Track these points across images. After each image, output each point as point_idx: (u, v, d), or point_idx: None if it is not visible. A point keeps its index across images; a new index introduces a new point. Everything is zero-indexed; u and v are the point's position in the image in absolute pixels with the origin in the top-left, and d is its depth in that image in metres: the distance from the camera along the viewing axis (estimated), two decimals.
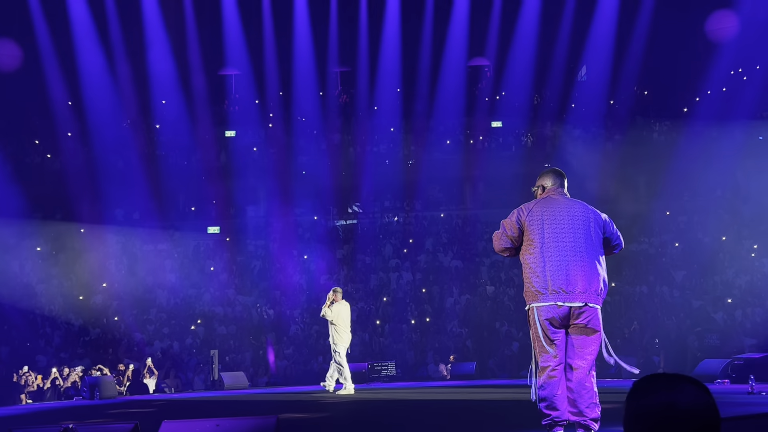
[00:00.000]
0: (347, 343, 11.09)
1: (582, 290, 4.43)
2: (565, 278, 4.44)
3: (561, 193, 4.83)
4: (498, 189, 24.62)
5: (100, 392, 13.03)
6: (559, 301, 4.45)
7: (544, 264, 4.53)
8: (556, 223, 4.58)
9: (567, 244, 4.50)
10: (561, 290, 4.44)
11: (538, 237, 4.61)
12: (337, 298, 11.09)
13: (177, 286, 20.59)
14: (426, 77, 25.19)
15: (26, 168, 24.07)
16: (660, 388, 1.75)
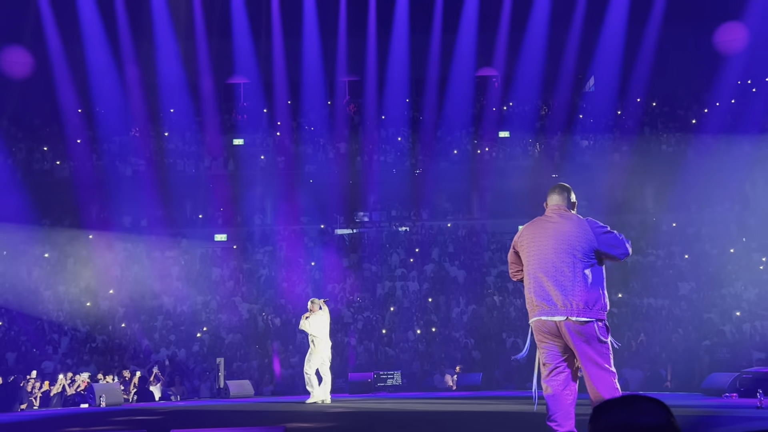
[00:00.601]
0: (324, 354, 11.03)
1: (563, 305, 4.64)
2: (546, 294, 4.70)
3: (558, 210, 4.99)
4: (505, 199, 24.63)
5: (106, 399, 13.04)
6: (543, 316, 4.71)
7: (531, 282, 4.81)
8: (542, 243, 4.81)
9: (549, 262, 4.73)
10: (543, 306, 4.70)
11: (526, 257, 4.88)
12: (314, 309, 11.06)
13: (184, 293, 20.62)
14: (434, 87, 25.25)
15: (35, 174, 24.23)
16: (617, 408, 1.83)
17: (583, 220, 4.92)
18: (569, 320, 4.64)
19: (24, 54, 24.57)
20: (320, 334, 10.93)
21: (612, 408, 1.83)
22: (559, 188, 5.14)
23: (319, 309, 11.07)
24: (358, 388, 15.05)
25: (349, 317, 19.60)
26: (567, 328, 4.66)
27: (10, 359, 17.78)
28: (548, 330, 4.73)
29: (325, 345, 11.02)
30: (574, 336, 4.64)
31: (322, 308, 11.17)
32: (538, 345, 4.85)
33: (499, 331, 18.18)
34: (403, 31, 24.64)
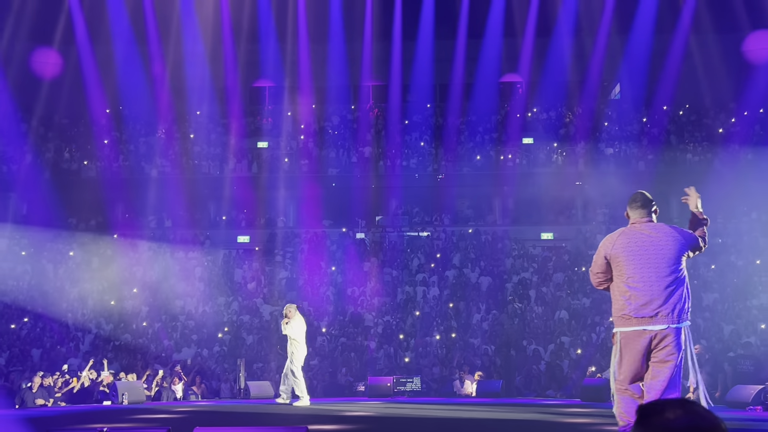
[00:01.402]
0: (304, 357, 11.44)
1: (665, 314, 4.90)
2: (641, 304, 4.93)
3: (648, 222, 5.19)
4: (528, 206, 24.54)
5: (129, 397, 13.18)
6: (636, 326, 4.95)
7: (626, 292, 5.02)
8: (639, 254, 5.02)
9: (644, 273, 4.96)
10: (645, 316, 4.92)
11: (622, 267, 5.07)
12: (291, 314, 11.36)
13: (206, 294, 20.80)
14: (458, 92, 25.25)
15: (63, 174, 24.61)
16: (674, 409, 1.85)
17: (672, 228, 5.15)
18: (662, 329, 4.89)
19: (54, 55, 25.01)
20: (300, 339, 11.29)
21: (667, 408, 1.85)
22: (643, 199, 5.31)
23: (295, 314, 11.41)
24: (377, 392, 15.05)
25: (369, 321, 19.62)
26: (657, 335, 4.89)
27: (35, 355, 18.05)
28: (639, 337, 4.94)
29: (304, 348, 11.41)
30: (662, 342, 4.88)
31: (297, 313, 11.53)
32: (626, 352, 5.01)
33: (519, 339, 18.08)
34: (428, 37, 24.69)
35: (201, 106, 25.64)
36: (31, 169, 24.29)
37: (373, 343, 18.44)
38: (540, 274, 21.29)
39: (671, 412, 1.84)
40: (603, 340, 17.51)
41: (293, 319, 11.28)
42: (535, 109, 25.92)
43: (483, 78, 25.01)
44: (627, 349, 5.02)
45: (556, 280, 20.97)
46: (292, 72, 25.13)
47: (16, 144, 24.60)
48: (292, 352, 11.23)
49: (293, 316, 11.28)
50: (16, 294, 20.39)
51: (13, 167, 24.37)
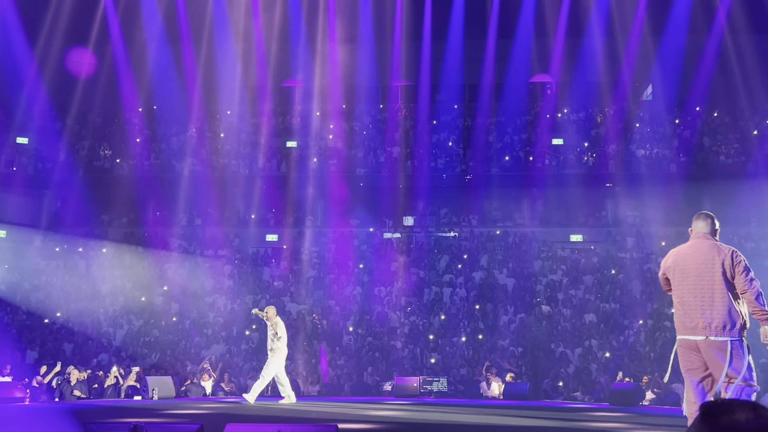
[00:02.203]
0: (285, 358, 11.68)
1: (703, 326, 5.25)
2: (689, 316, 5.35)
3: (701, 237, 5.51)
4: (557, 207, 24.34)
5: (159, 392, 13.37)
6: (686, 336, 5.37)
7: (677, 304, 5.49)
8: (686, 268, 5.42)
9: (691, 286, 5.35)
10: (687, 326, 5.36)
11: (673, 281, 5.53)
12: (273, 315, 11.55)
13: (235, 291, 20.99)
14: (487, 93, 25.13)
15: (96, 172, 25.02)
16: (744, 410, 1.82)
17: (724, 248, 5.43)
18: (708, 339, 5.25)
19: (88, 54, 25.43)
20: (285, 339, 11.57)
21: (737, 409, 1.82)
22: (704, 216, 5.65)
23: (275, 316, 11.64)
24: (403, 392, 15.07)
25: (395, 321, 19.63)
26: (707, 346, 5.25)
27: (67, 350, 18.38)
28: (691, 347, 5.36)
29: (285, 348, 11.68)
30: (712, 354, 5.22)
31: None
32: (683, 360, 5.44)
33: (547, 341, 17.96)
34: (458, 37, 24.63)
35: (231, 106, 25.89)
36: (65, 167, 24.75)
37: (399, 343, 18.46)
38: (569, 277, 21.11)
39: (742, 413, 1.81)
40: (632, 344, 17.32)
41: (274, 321, 11.49)
42: (566, 110, 25.71)
43: (513, 78, 24.87)
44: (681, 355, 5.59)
45: (586, 282, 20.78)
46: (322, 72, 25.24)
47: (51, 142, 25.09)
48: (275, 351, 11.41)
49: (274, 318, 11.51)
50: (50, 289, 20.79)
51: (48, 165, 24.85)
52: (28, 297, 20.36)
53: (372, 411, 9.80)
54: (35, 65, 24.41)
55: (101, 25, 24.66)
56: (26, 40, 24.19)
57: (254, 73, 25.41)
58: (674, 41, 23.48)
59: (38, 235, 23.74)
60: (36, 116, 25.34)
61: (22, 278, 21.25)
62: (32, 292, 20.70)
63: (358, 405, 11.02)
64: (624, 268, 20.98)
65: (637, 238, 22.37)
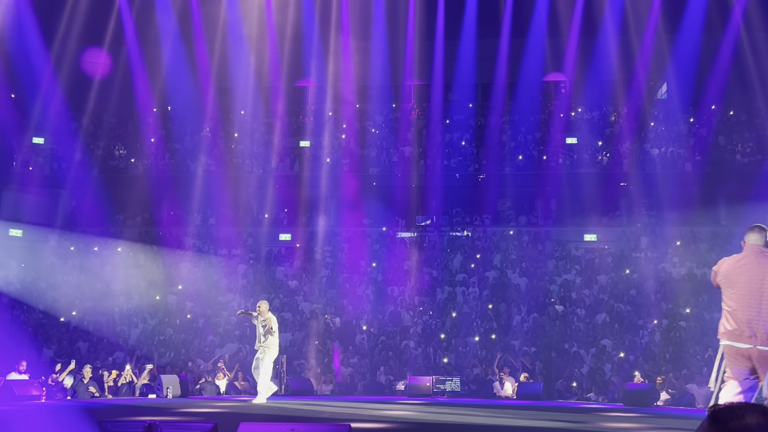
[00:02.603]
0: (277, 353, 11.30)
1: (751, 335, 5.43)
2: (739, 324, 5.50)
3: (756, 249, 5.66)
4: (571, 207, 24.22)
5: (173, 390, 13.45)
6: (734, 343, 5.54)
7: (726, 311, 5.63)
8: (737, 278, 5.59)
9: (741, 296, 5.51)
10: (735, 334, 5.51)
11: (723, 289, 5.70)
12: (266, 310, 11.25)
13: (248, 290, 21.08)
14: (500, 91, 25.06)
15: (111, 171, 25.22)
16: (755, 414, 1.79)
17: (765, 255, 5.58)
18: (757, 348, 5.43)
19: (103, 55, 25.63)
20: (277, 335, 11.24)
21: (747, 413, 1.79)
22: (758, 229, 5.84)
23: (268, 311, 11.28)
24: (416, 391, 15.08)
25: (408, 321, 19.63)
26: (756, 354, 5.43)
27: (82, 348, 18.53)
28: (739, 354, 5.53)
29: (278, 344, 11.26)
30: (761, 362, 5.40)
31: None
32: (730, 366, 5.60)
33: (561, 341, 17.89)
34: (471, 35, 24.56)
35: (245, 105, 26.00)
36: (80, 167, 24.97)
37: (411, 343, 18.46)
38: (583, 276, 21.01)
39: (752, 417, 1.78)
40: (647, 344, 17.23)
41: (267, 316, 11.14)
42: (580, 109, 25.58)
43: (526, 77, 24.77)
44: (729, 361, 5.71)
45: (599, 282, 20.68)
46: (335, 71, 25.28)
47: (66, 142, 25.31)
48: (269, 347, 11.03)
49: (266, 313, 11.18)
50: (65, 288, 20.97)
51: (64, 165, 25.08)
52: (44, 296, 20.55)
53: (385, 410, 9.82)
54: (51, 66, 24.62)
55: (116, 25, 24.84)
56: (42, 41, 24.41)
57: (267, 73, 25.49)
58: (689, 39, 23.30)
59: (54, 234, 23.95)
60: (52, 116, 25.57)
61: (38, 277, 21.45)
62: (48, 290, 20.90)
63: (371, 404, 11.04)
64: (638, 267, 20.86)
65: (652, 237, 22.23)
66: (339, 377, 17.36)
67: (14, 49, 24.35)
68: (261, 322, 11.13)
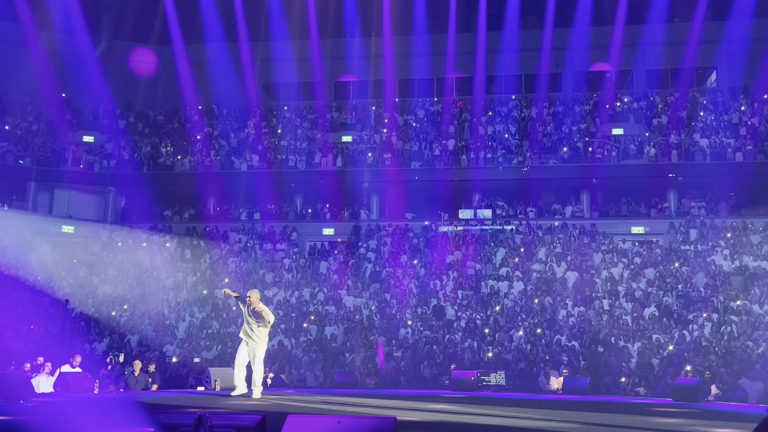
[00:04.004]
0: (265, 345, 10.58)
1: None
2: None
3: None
4: (618, 198, 23.82)
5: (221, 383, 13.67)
6: None
7: None
8: None
9: None
10: None
11: None
12: (257, 299, 10.42)
13: (293, 284, 21.31)
14: (544, 83, 24.77)
15: (159, 168, 25.77)
16: None
17: None
18: None
19: (150, 54, 26.19)
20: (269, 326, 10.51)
21: None
22: None
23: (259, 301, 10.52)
24: (460, 385, 15.02)
25: (451, 315, 19.59)
26: None
27: (132, 341, 18.98)
28: None
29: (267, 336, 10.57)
30: None
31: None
32: None
33: (608, 335, 17.62)
34: (514, 27, 24.33)
35: (288, 102, 26.25)
36: (129, 164, 25.59)
37: (456, 337, 18.41)
38: (630, 270, 20.66)
39: None
40: (696, 338, 16.86)
41: (258, 305, 10.36)
42: (626, 99, 25.12)
43: (571, 67, 24.45)
44: None
45: (647, 275, 20.29)
46: (377, 66, 25.35)
47: (115, 140, 25.96)
48: (260, 337, 10.32)
49: (257, 303, 10.39)
50: (116, 283, 21.51)
51: (113, 162, 25.72)
52: (96, 290, 21.11)
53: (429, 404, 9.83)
54: (100, 65, 25.26)
55: (162, 25, 25.36)
56: (91, 41, 25.05)
57: (310, 69, 25.69)
58: (740, 25, 22.66)
59: (104, 230, 24.60)
60: (101, 115, 26.25)
61: (90, 272, 22.05)
62: (100, 285, 21.45)
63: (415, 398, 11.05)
64: (688, 260, 20.41)
65: (702, 229, 21.71)
66: (383, 371, 17.41)
67: (65, 50, 25.05)
68: (250, 312, 10.42)
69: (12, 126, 24.60)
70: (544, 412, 9.12)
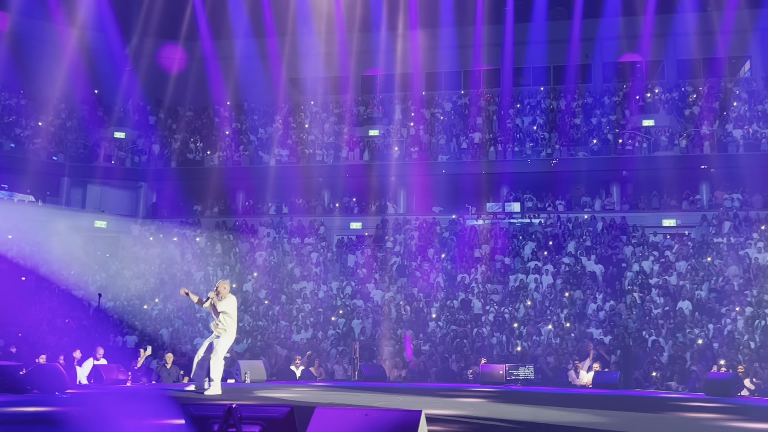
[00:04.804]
0: (232, 340, 10.14)
1: None
2: None
3: None
4: (648, 191, 23.50)
5: (251, 376, 13.82)
6: None
7: None
8: None
9: None
10: None
11: None
12: (225, 291, 10.01)
13: (321, 278, 21.42)
14: (573, 74, 24.50)
15: (188, 164, 26.07)
16: None
17: None
18: None
19: (179, 50, 26.47)
20: (234, 317, 10.07)
21: None
22: None
23: (228, 293, 10.10)
24: (489, 379, 14.98)
25: (480, 308, 19.52)
26: None
27: (164, 335, 19.25)
28: None
29: (234, 330, 10.10)
30: None
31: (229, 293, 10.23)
32: None
33: (639, 329, 17.42)
34: (542, 18, 24.09)
35: (315, 96, 26.34)
36: (159, 160, 25.93)
37: (484, 331, 18.35)
38: (661, 263, 20.38)
39: None
40: (729, 332, 16.59)
41: (226, 297, 9.97)
42: (657, 90, 24.73)
43: (600, 58, 24.15)
44: None
45: (679, 269, 20.01)
46: (403, 59, 25.29)
47: (146, 136, 26.33)
48: (225, 330, 9.88)
49: (226, 294, 9.99)
50: (147, 277, 21.82)
51: (143, 158, 26.09)
52: (128, 284, 21.44)
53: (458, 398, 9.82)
54: (130, 62, 25.61)
55: (190, 21, 25.61)
56: (121, 38, 25.40)
57: (337, 63, 25.74)
58: None
59: (136, 225, 24.97)
60: (132, 111, 26.61)
61: (122, 266, 22.39)
62: (132, 279, 21.78)
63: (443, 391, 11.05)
64: (720, 253, 20.07)
65: (735, 222, 21.32)
66: (411, 364, 17.43)
67: (95, 47, 25.43)
68: (213, 306, 9.99)
69: (46, 123, 25.05)
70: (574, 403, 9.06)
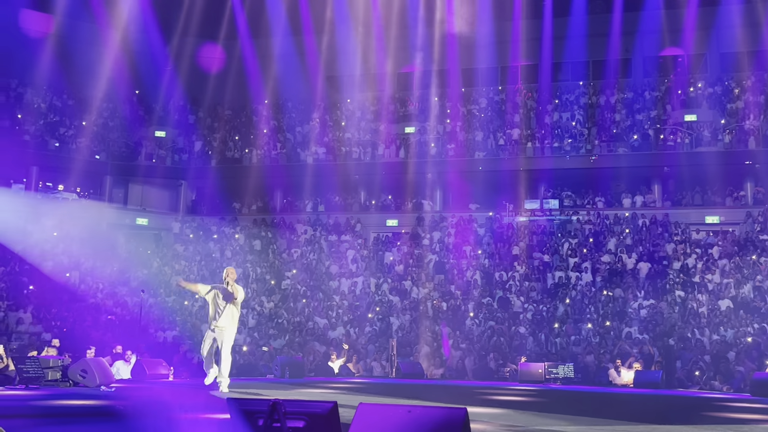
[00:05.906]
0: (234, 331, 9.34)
1: None
2: None
3: None
4: (691, 187, 23.04)
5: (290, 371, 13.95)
6: None
7: None
8: None
9: None
10: None
11: None
12: (233, 277, 9.28)
13: (358, 275, 21.49)
14: (613, 69, 24.13)
15: (227, 162, 26.39)
16: None
17: None
18: None
19: (218, 50, 26.81)
20: (239, 308, 9.41)
21: None
22: None
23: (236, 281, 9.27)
24: (528, 377, 14.87)
25: (518, 306, 19.38)
26: None
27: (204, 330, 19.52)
28: None
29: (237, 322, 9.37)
30: None
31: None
32: None
33: (682, 328, 17.10)
34: (582, 12, 23.77)
35: (352, 94, 26.42)
36: (199, 158, 26.32)
37: (522, 329, 18.21)
38: (704, 261, 19.97)
39: None
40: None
41: (237, 286, 9.24)
42: (700, 84, 24.21)
43: (641, 52, 23.73)
44: None
45: (722, 266, 19.58)
46: (440, 56, 25.19)
47: (186, 135, 26.74)
48: (232, 319, 9.24)
49: (233, 282, 9.22)
50: (188, 273, 22.14)
51: (183, 157, 26.51)
52: (169, 280, 21.78)
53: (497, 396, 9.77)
54: (170, 62, 26.01)
55: (229, 21, 25.92)
56: (162, 38, 25.80)
57: (374, 60, 25.78)
58: None
59: (176, 222, 25.38)
60: (172, 111, 27.04)
61: (162, 263, 22.77)
62: (172, 276, 22.12)
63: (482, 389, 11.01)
64: (765, 251, 19.58)
65: None
66: (449, 362, 17.39)
67: (137, 48, 25.88)
68: (215, 296, 9.33)
69: (89, 122, 25.59)
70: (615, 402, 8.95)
